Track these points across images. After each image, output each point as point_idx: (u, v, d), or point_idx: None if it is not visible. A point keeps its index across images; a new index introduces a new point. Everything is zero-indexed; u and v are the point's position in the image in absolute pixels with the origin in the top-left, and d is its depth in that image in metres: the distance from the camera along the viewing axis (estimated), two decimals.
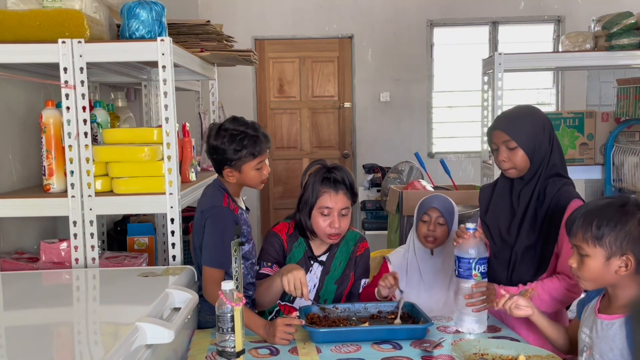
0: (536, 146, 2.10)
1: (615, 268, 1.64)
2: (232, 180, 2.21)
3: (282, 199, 6.24)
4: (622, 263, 1.63)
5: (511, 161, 2.12)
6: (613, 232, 1.63)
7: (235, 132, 2.15)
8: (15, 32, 2.21)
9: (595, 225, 1.64)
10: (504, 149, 2.12)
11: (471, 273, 2.02)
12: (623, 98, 3.53)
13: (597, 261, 1.65)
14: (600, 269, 1.66)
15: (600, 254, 1.65)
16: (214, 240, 2.12)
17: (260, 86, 6.16)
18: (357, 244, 2.42)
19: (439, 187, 3.94)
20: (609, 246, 1.63)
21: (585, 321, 1.77)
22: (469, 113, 6.04)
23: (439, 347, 1.87)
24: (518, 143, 2.09)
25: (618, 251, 1.63)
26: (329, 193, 2.26)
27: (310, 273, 2.34)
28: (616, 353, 1.64)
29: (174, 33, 2.67)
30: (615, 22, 3.43)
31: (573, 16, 5.98)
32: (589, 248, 1.66)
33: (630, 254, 1.62)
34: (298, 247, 2.36)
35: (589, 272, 1.68)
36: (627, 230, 1.62)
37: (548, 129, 2.14)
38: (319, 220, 2.27)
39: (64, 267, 2.30)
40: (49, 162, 2.32)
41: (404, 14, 6.04)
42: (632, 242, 1.62)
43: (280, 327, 1.92)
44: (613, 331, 1.65)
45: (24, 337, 1.54)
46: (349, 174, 2.31)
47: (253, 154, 2.16)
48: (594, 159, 3.64)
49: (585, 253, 1.67)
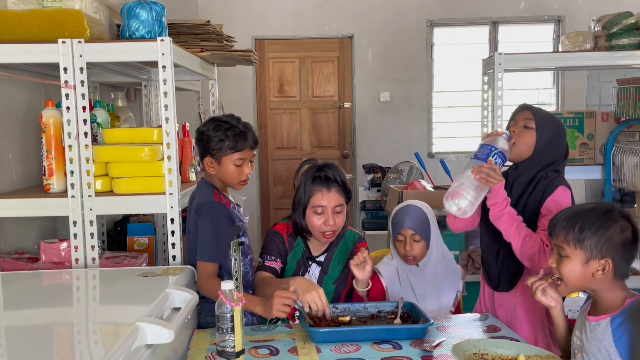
0: (547, 142, 2.12)
1: (592, 271, 1.68)
2: (212, 172, 2.23)
3: (282, 199, 6.25)
4: (599, 266, 1.67)
5: (519, 137, 2.13)
6: (594, 236, 1.66)
7: (223, 122, 2.20)
8: (15, 32, 2.21)
9: (578, 228, 1.68)
10: (521, 125, 2.15)
11: (487, 158, 2.03)
12: (623, 98, 3.53)
13: (576, 263, 1.69)
14: (578, 271, 1.69)
15: (579, 256, 1.68)
16: (207, 235, 2.13)
17: (260, 86, 6.16)
18: (355, 244, 2.42)
19: (439, 187, 3.94)
20: (589, 249, 1.67)
21: (577, 324, 1.80)
22: (469, 113, 6.05)
23: (438, 347, 1.87)
24: (537, 125, 2.11)
25: (597, 255, 1.66)
26: (321, 191, 2.26)
27: (309, 274, 2.34)
28: (604, 353, 1.66)
29: (174, 33, 2.67)
30: (615, 22, 3.43)
31: (573, 16, 5.98)
32: (569, 249, 1.70)
33: (609, 258, 1.66)
34: (297, 247, 2.36)
35: (568, 273, 1.71)
36: (608, 236, 1.66)
37: (565, 145, 2.18)
38: (313, 219, 2.27)
39: (64, 267, 2.30)
40: (49, 162, 2.32)
41: (404, 14, 6.04)
42: (611, 248, 1.66)
43: (277, 298, 1.93)
44: (600, 332, 1.68)
45: (24, 337, 1.54)
46: (340, 172, 2.31)
47: (234, 147, 2.19)
48: (594, 159, 3.64)
49: (565, 254, 1.71)
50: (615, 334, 1.64)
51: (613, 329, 1.65)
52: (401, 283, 2.35)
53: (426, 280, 2.33)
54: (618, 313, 1.67)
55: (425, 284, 2.33)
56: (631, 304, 1.67)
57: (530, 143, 2.12)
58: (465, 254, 3.46)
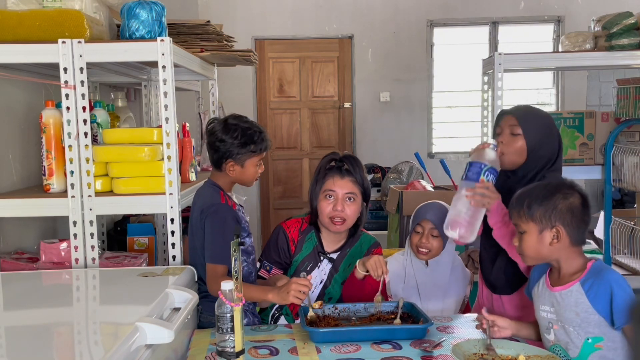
0: (537, 144, 2.07)
1: (548, 240, 1.76)
2: (233, 175, 2.23)
3: (282, 199, 6.25)
4: (553, 235, 1.76)
5: (508, 146, 2.09)
6: (541, 207, 1.77)
7: (245, 127, 2.21)
8: (15, 32, 2.21)
9: (527, 203, 1.79)
10: (507, 132, 2.10)
11: (478, 177, 2.00)
12: (623, 98, 3.53)
13: (532, 236, 1.79)
14: (535, 243, 1.78)
15: (533, 228, 1.78)
16: (216, 237, 2.13)
17: (260, 86, 6.16)
18: (371, 248, 2.41)
19: (439, 187, 3.94)
20: (540, 220, 1.77)
21: (541, 299, 1.85)
22: (469, 113, 6.05)
23: (438, 347, 1.87)
24: (523, 131, 2.07)
25: (548, 224, 1.76)
26: (333, 177, 2.28)
27: (319, 269, 2.34)
28: (583, 316, 1.73)
29: (174, 33, 2.67)
30: (615, 22, 3.43)
31: (573, 16, 5.99)
32: (523, 224, 1.80)
33: (559, 225, 1.75)
34: (308, 241, 2.36)
35: (527, 247, 1.81)
36: (553, 204, 1.76)
37: (556, 137, 2.13)
38: (323, 203, 2.28)
39: (64, 267, 2.30)
40: (49, 162, 2.32)
41: (404, 14, 6.04)
42: (558, 214, 1.75)
43: (294, 284, 1.98)
44: (574, 297, 1.74)
45: (24, 337, 1.54)
46: (359, 164, 2.32)
47: (260, 149, 2.22)
48: (594, 159, 3.64)
49: (522, 230, 1.81)
50: (589, 295, 1.71)
51: (586, 291, 1.72)
52: (406, 281, 2.35)
53: (433, 281, 2.33)
54: (585, 276, 1.74)
55: (431, 285, 2.33)
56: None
57: (521, 149, 2.08)
58: (465, 254, 3.46)
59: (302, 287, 1.98)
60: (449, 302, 2.32)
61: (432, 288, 2.32)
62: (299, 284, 1.99)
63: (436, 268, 2.34)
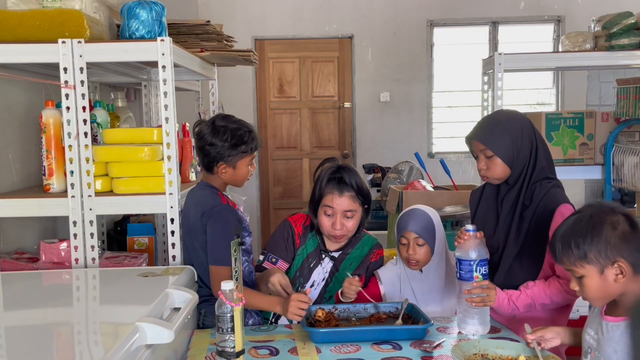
0: (514, 153, 2.07)
1: (612, 277, 1.62)
2: (224, 177, 2.23)
3: (282, 199, 6.24)
4: (616, 271, 1.62)
5: (490, 170, 2.10)
6: (593, 247, 1.61)
7: (234, 128, 2.20)
8: (15, 32, 2.21)
9: (574, 246, 1.64)
10: (482, 157, 2.11)
11: (472, 275, 2.00)
12: (623, 98, 3.53)
13: (593, 279, 1.64)
14: (599, 284, 1.64)
15: (592, 270, 1.63)
16: (219, 239, 2.13)
17: (260, 86, 6.16)
18: (372, 249, 2.42)
19: (439, 187, 3.94)
20: (596, 260, 1.62)
21: (591, 322, 1.76)
22: (469, 113, 6.04)
23: (438, 348, 1.87)
24: (495, 152, 2.06)
25: (607, 262, 1.61)
26: (332, 194, 2.27)
27: (321, 267, 2.35)
28: (620, 356, 1.63)
29: (174, 33, 2.67)
30: (615, 22, 3.43)
31: (573, 16, 5.98)
32: (579, 269, 1.65)
33: (620, 259, 1.61)
34: (312, 238, 2.37)
35: (591, 290, 1.66)
36: (605, 239, 1.61)
37: (528, 133, 2.09)
38: (323, 218, 2.30)
39: (64, 267, 2.30)
40: (49, 162, 2.32)
41: (404, 14, 6.04)
42: (615, 248, 1.60)
43: (293, 302, 1.99)
44: (619, 333, 1.64)
45: (24, 337, 1.54)
46: (357, 177, 2.30)
47: (251, 149, 2.22)
48: (594, 159, 3.64)
49: (579, 275, 1.66)
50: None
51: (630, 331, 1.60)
52: (402, 289, 2.33)
53: (429, 285, 2.31)
54: None
55: (428, 290, 2.31)
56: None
57: (502, 166, 2.08)
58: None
59: (301, 304, 1.99)
60: (448, 303, 2.31)
61: (429, 293, 2.30)
62: (298, 300, 2.00)
63: (430, 273, 2.30)
